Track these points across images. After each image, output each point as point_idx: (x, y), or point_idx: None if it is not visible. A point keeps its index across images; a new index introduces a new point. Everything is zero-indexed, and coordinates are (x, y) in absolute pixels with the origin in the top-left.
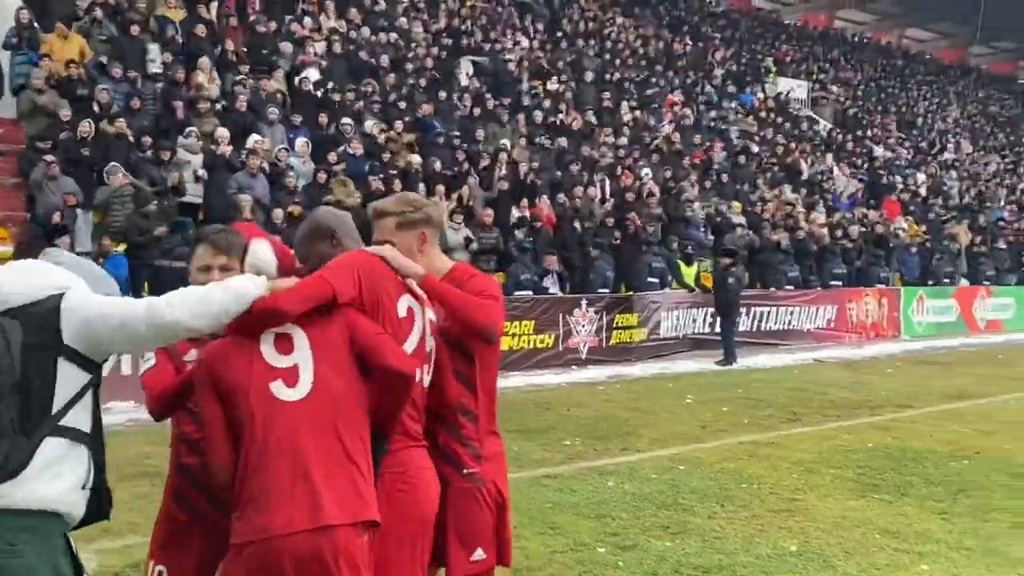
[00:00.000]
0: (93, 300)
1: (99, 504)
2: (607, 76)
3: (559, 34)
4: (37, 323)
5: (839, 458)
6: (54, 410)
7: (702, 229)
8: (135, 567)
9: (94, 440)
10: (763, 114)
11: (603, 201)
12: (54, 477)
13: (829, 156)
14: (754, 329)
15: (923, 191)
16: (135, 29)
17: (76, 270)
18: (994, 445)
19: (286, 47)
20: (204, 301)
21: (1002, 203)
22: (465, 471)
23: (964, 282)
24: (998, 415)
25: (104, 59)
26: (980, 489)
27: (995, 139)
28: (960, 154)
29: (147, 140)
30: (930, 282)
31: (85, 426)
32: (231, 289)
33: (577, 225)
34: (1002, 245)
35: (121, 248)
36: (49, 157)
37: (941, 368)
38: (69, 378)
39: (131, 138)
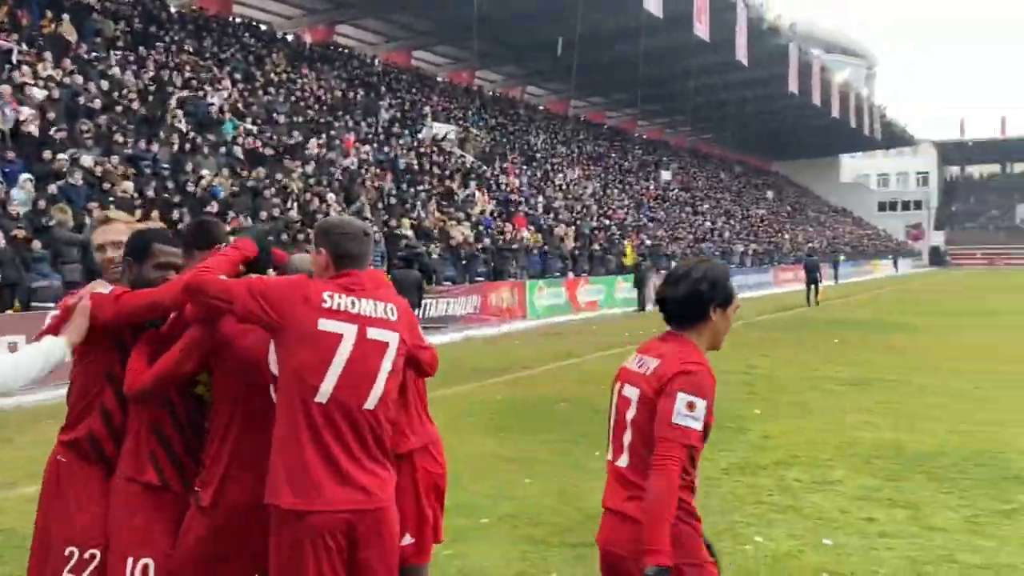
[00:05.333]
0: None
1: None
2: (295, 118)
3: (256, 83)
4: None
5: (477, 408)
6: None
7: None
8: None
9: None
10: (423, 150)
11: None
12: None
13: (473, 183)
14: (421, 316)
15: (540, 208)
16: None
17: None
18: (585, 392)
19: (5, 89)
20: (16, 366)
21: (595, 217)
22: None
23: (571, 275)
24: (590, 370)
25: None
26: (574, 423)
27: (590, 169)
28: (566, 181)
29: None
30: (546, 275)
31: None
32: (41, 351)
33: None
34: (596, 246)
35: None
36: None
37: (555, 338)
38: None
39: None
